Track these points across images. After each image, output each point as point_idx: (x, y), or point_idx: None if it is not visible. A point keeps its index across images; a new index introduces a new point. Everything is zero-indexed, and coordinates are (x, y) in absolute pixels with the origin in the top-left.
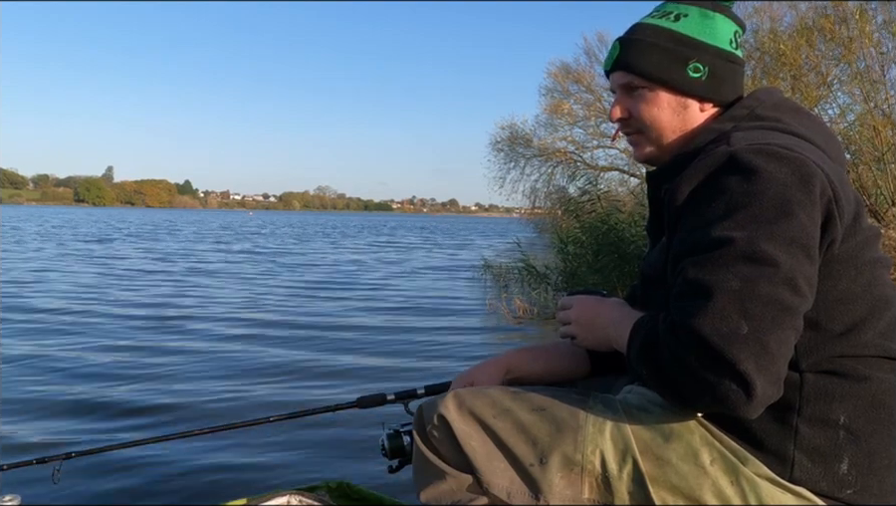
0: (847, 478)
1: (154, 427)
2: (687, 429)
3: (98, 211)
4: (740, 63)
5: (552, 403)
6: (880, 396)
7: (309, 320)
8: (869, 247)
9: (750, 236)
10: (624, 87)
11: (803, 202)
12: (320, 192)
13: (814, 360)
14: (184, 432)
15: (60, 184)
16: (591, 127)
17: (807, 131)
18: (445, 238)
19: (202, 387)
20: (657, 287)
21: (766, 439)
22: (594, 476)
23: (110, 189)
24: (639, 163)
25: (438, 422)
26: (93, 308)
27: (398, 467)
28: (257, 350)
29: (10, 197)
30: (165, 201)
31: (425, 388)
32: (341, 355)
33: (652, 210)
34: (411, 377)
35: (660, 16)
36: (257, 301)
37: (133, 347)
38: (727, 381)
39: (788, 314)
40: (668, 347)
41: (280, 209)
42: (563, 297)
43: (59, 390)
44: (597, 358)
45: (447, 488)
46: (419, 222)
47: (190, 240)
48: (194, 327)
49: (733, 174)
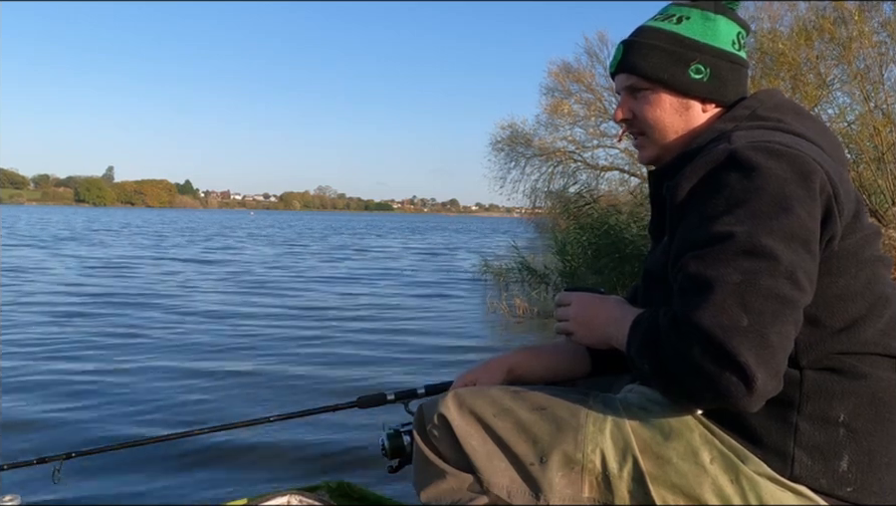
0: (847, 476)
1: (154, 427)
2: (687, 428)
3: (100, 211)
4: (743, 64)
5: (552, 403)
6: (880, 394)
7: (306, 317)
8: (869, 245)
9: (750, 231)
10: (628, 88)
11: (803, 198)
12: (320, 192)
13: (814, 356)
14: (184, 432)
15: (60, 184)
16: (592, 127)
17: (808, 132)
18: (467, 236)
19: (201, 388)
20: (659, 285)
21: (766, 437)
22: (595, 475)
23: (110, 189)
24: (642, 164)
25: (438, 422)
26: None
27: (398, 467)
28: (257, 344)
29: (10, 197)
30: (166, 201)
31: (425, 388)
32: (340, 353)
33: (654, 209)
34: (411, 376)
35: (663, 19)
36: (270, 290)
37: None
38: (727, 374)
39: (789, 307)
40: (669, 340)
41: (280, 209)
42: (562, 292)
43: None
44: (598, 357)
45: (447, 487)
46: (418, 222)
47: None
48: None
49: (733, 171)
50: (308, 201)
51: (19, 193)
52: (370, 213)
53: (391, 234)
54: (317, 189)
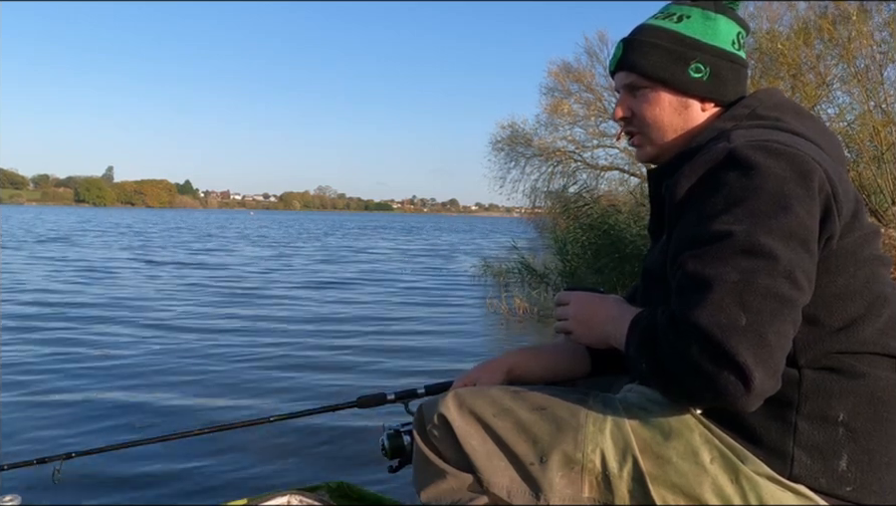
0: (847, 475)
1: (154, 427)
2: (687, 428)
3: (97, 212)
4: (742, 63)
5: (552, 403)
6: (879, 394)
7: (307, 317)
8: (869, 244)
9: (748, 230)
10: (627, 87)
11: (802, 197)
12: (320, 192)
13: (813, 356)
14: (184, 432)
15: (60, 184)
16: (592, 127)
17: (808, 131)
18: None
19: (199, 388)
20: (658, 284)
21: (765, 436)
22: (595, 475)
23: (110, 189)
24: (640, 163)
25: (438, 422)
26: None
27: (398, 467)
28: (257, 345)
29: (10, 197)
30: (165, 201)
31: (425, 388)
32: (341, 354)
33: (653, 209)
34: (411, 376)
35: (663, 17)
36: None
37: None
38: (726, 373)
39: (787, 306)
40: (667, 339)
41: (280, 209)
42: (561, 291)
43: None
44: (597, 357)
45: (447, 487)
46: (418, 222)
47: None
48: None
49: (732, 170)
50: (308, 201)
51: (19, 193)
52: (370, 213)
53: (391, 234)
54: (317, 189)
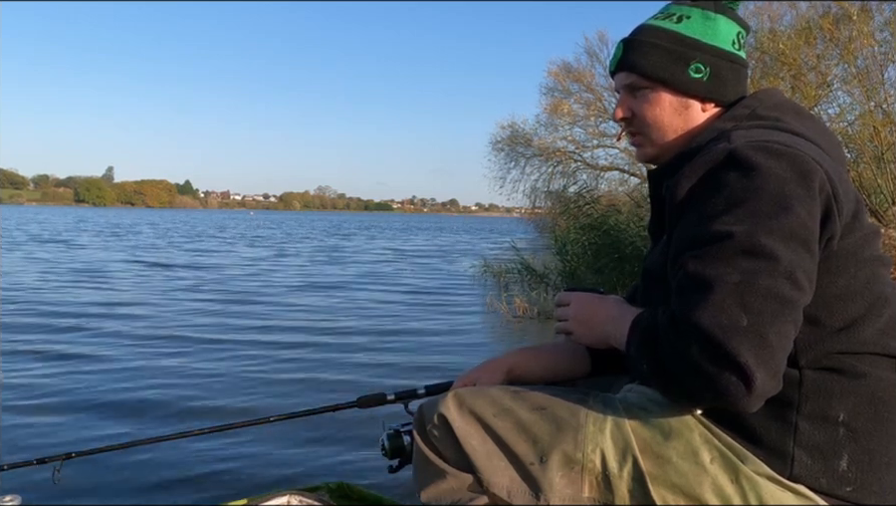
0: (847, 475)
1: (154, 427)
2: (687, 428)
3: (97, 211)
4: (742, 64)
5: (552, 402)
6: (880, 394)
7: (307, 318)
8: (869, 245)
9: (749, 230)
10: (627, 87)
11: (802, 197)
12: (320, 192)
13: (813, 356)
14: (184, 432)
15: (60, 185)
16: (592, 127)
17: (808, 131)
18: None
19: (200, 388)
20: (658, 285)
21: (765, 436)
22: (595, 475)
23: (110, 189)
24: (640, 163)
25: (438, 422)
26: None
27: (398, 467)
28: (256, 345)
29: (10, 197)
30: (165, 201)
31: (425, 388)
32: (341, 354)
33: (654, 209)
34: (411, 376)
35: (663, 18)
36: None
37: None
38: (727, 374)
39: (788, 307)
40: (668, 339)
41: (280, 209)
42: (561, 292)
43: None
44: (598, 357)
45: (447, 487)
46: (418, 222)
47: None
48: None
49: (732, 170)
50: (308, 201)
51: (19, 193)
52: (370, 213)
53: (391, 234)
54: (317, 189)
